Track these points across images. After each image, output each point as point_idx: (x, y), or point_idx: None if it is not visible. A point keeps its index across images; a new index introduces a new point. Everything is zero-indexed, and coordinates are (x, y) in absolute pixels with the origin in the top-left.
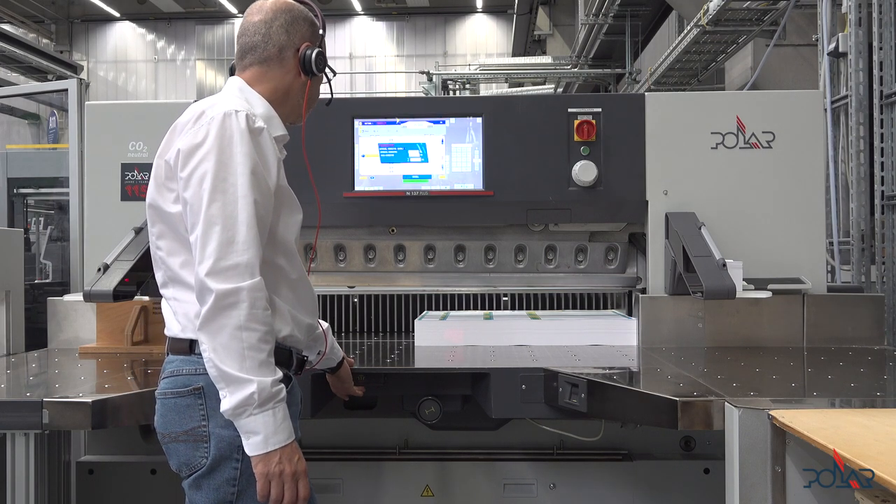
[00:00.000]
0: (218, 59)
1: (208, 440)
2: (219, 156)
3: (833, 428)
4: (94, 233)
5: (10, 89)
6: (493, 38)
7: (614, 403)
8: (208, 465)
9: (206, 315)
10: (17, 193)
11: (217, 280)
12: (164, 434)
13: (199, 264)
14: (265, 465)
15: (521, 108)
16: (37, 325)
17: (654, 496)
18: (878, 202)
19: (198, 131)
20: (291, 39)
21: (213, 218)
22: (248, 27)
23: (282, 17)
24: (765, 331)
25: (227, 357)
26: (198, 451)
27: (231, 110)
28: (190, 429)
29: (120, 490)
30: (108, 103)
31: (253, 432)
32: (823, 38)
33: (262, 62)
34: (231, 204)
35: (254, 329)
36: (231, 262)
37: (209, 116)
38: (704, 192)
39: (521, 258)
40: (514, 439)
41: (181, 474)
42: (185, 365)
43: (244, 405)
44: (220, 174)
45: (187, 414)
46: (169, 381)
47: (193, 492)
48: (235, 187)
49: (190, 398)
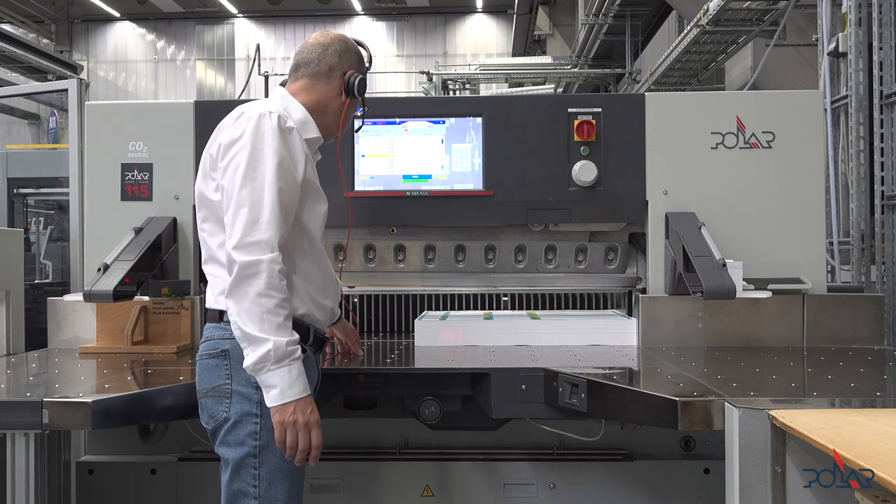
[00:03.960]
0: (218, 59)
1: (230, 396)
2: (251, 149)
3: (833, 428)
4: (94, 233)
5: (10, 89)
6: (493, 38)
7: (614, 403)
8: (232, 421)
9: (231, 283)
10: (17, 193)
11: (242, 253)
12: (199, 391)
13: (228, 240)
14: (281, 415)
15: (521, 108)
16: (37, 325)
17: (654, 496)
18: (878, 202)
19: (236, 128)
20: (341, 63)
21: (242, 200)
22: (306, 47)
23: (338, 44)
24: (765, 331)
25: (248, 320)
26: (220, 406)
27: (266, 111)
28: (216, 385)
29: (120, 490)
30: (108, 103)
31: (271, 386)
32: (823, 38)
33: (312, 76)
34: (258, 189)
35: (271, 296)
36: (254, 239)
37: (247, 116)
38: (704, 192)
39: (521, 258)
40: (514, 439)
41: (208, 426)
42: (216, 331)
43: (262, 361)
44: (252, 164)
45: (215, 373)
46: (205, 344)
47: (224, 448)
48: (264, 176)
49: (218, 359)
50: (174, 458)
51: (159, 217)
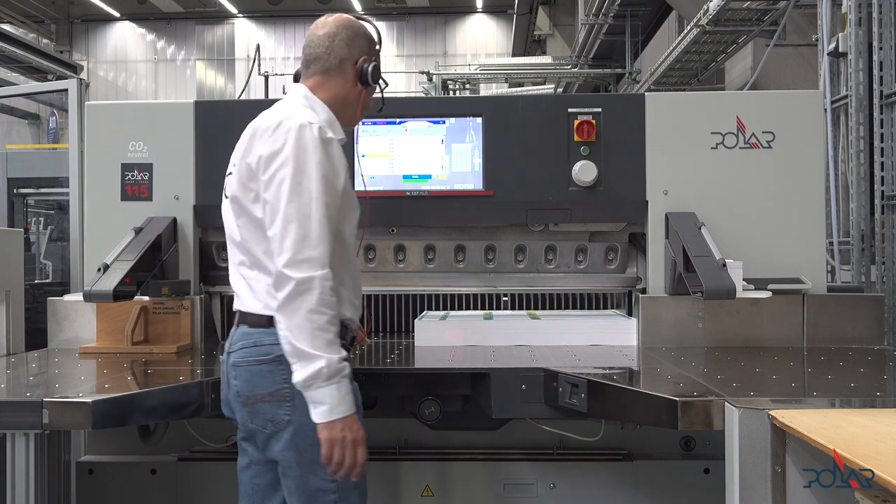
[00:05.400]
0: (218, 59)
1: (291, 400)
2: (295, 162)
3: (833, 428)
4: (94, 233)
5: (10, 89)
6: (493, 38)
7: (614, 403)
8: (297, 422)
9: (284, 299)
10: (17, 193)
11: (294, 270)
12: (249, 396)
13: (278, 256)
14: (329, 432)
15: (521, 108)
16: (37, 325)
17: (654, 496)
18: (878, 202)
19: (276, 139)
20: (351, 53)
21: (290, 216)
22: (313, 40)
23: (344, 32)
24: (765, 331)
25: (300, 336)
26: (281, 410)
27: (306, 122)
28: (275, 390)
29: (120, 490)
30: (108, 103)
31: (320, 402)
32: (823, 38)
33: (324, 72)
34: (306, 205)
35: (323, 313)
36: (306, 255)
37: (286, 127)
38: (704, 192)
39: (521, 258)
40: (514, 439)
41: (264, 430)
42: (267, 336)
43: (313, 378)
44: (297, 178)
45: (270, 378)
46: (251, 349)
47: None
48: (310, 190)
49: (273, 364)
50: (174, 458)
51: (159, 217)
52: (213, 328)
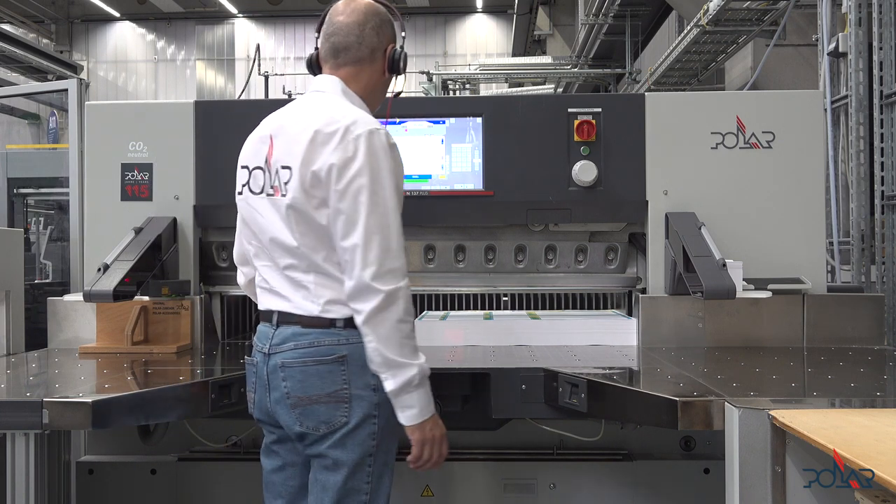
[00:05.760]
0: (218, 59)
1: (348, 401)
2: (371, 172)
3: (833, 428)
4: (94, 233)
5: (10, 89)
6: (493, 38)
7: (614, 403)
8: (352, 425)
9: (371, 311)
10: (17, 193)
11: (381, 282)
12: (302, 398)
13: (363, 269)
14: (421, 433)
15: (521, 108)
16: (37, 325)
17: (654, 496)
18: (878, 202)
19: (347, 147)
20: (381, 41)
21: (372, 228)
22: (340, 27)
23: (373, 19)
24: (765, 331)
25: (389, 346)
26: (338, 411)
27: (374, 128)
28: (332, 391)
29: (120, 490)
30: (108, 103)
31: (410, 406)
32: (823, 38)
33: (356, 62)
34: (384, 216)
35: (407, 321)
36: (390, 267)
37: (355, 134)
38: (704, 192)
39: (521, 258)
40: (514, 439)
41: (317, 432)
42: (326, 337)
43: (407, 385)
44: (373, 188)
45: (329, 379)
46: (307, 350)
47: (339, 451)
48: (386, 201)
49: (333, 365)
50: (174, 458)
51: (159, 217)
52: (213, 328)
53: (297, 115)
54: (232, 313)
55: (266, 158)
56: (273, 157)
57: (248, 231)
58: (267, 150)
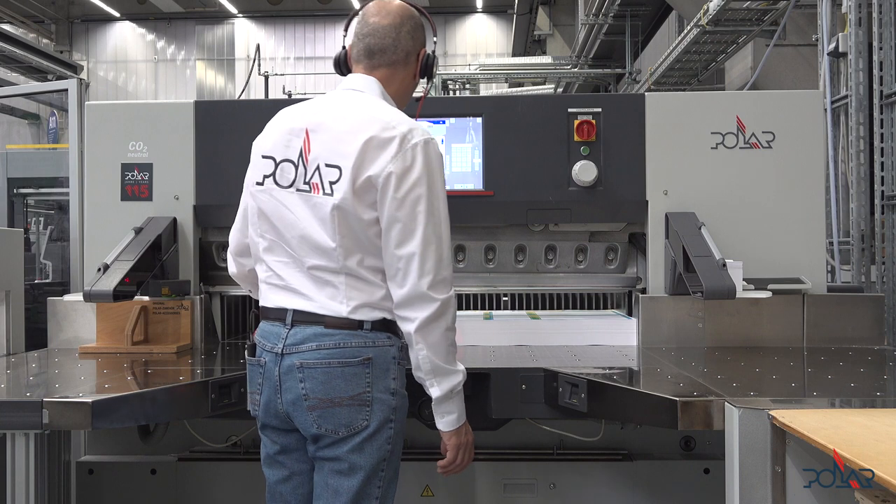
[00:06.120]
0: (218, 59)
1: (370, 405)
2: (428, 182)
3: (833, 428)
4: (94, 233)
5: (10, 89)
6: (493, 38)
7: (614, 403)
8: (373, 427)
9: (425, 320)
10: (17, 193)
11: (436, 291)
12: (323, 399)
13: (420, 277)
14: (457, 438)
15: (521, 108)
16: (37, 325)
17: (654, 496)
18: (878, 202)
19: (405, 155)
20: (415, 45)
21: (429, 238)
22: (376, 29)
23: (408, 23)
24: (765, 331)
25: (439, 353)
26: (360, 414)
27: (429, 137)
28: (356, 394)
29: (120, 490)
30: (108, 103)
31: (450, 412)
32: (823, 38)
33: (391, 65)
34: (438, 226)
35: (454, 329)
36: (443, 276)
37: (413, 143)
38: (704, 192)
39: (521, 258)
40: (514, 439)
41: (337, 434)
42: (353, 338)
43: (451, 392)
44: (430, 199)
45: (355, 381)
46: (332, 351)
47: (357, 455)
48: (440, 211)
49: (358, 367)
50: (174, 458)
51: (159, 217)
52: (213, 328)
53: (340, 113)
54: (232, 313)
55: (301, 153)
56: (312, 152)
57: (264, 224)
58: (301, 144)
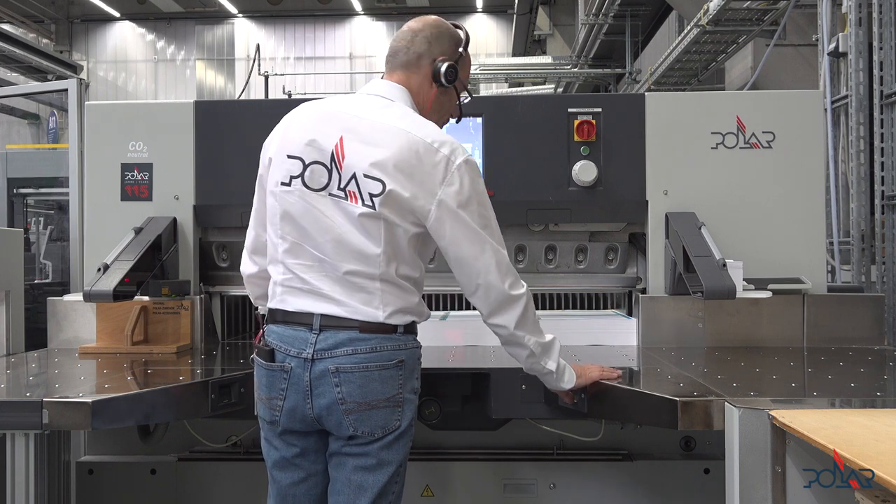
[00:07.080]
0: (218, 59)
1: (402, 405)
2: (478, 196)
3: (833, 428)
4: (94, 233)
5: (10, 89)
6: (493, 38)
7: (614, 403)
8: (404, 426)
9: (520, 315)
10: (17, 193)
11: (516, 289)
12: (361, 403)
13: (502, 282)
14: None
15: (521, 108)
16: (37, 325)
17: (654, 496)
18: (878, 202)
19: (453, 178)
20: (430, 50)
21: (495, 248)
22: (399, 34)
23: (429, 29)
24: (765, 331)
25: (537, 334)
26: (394, 415)
27: (467, 156)
28: (391, 396)
29: (120, 490)
30: (108, 103)
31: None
32: (823, 38)
33: (404, 66)
34: (495, 230)
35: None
36: (514, 275)
37: (456, 164)
38: (704, 192)
39: (521, 258)
40: (514, 439)
41: (372, 435)
42: (388, 342)
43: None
44: (481, 211)
45: (390, 383)
46: (369, 355)
47: (387, 452)
48: (493, 220)
49: (393, 370)
50: (174, 458)
51: (159, 217)
52: (213, 328)
53: (377, 122)
54: (232, 313)
55: (333, 157)
56: (346, 159)
57: (287, 225)
58: (333, 148)
